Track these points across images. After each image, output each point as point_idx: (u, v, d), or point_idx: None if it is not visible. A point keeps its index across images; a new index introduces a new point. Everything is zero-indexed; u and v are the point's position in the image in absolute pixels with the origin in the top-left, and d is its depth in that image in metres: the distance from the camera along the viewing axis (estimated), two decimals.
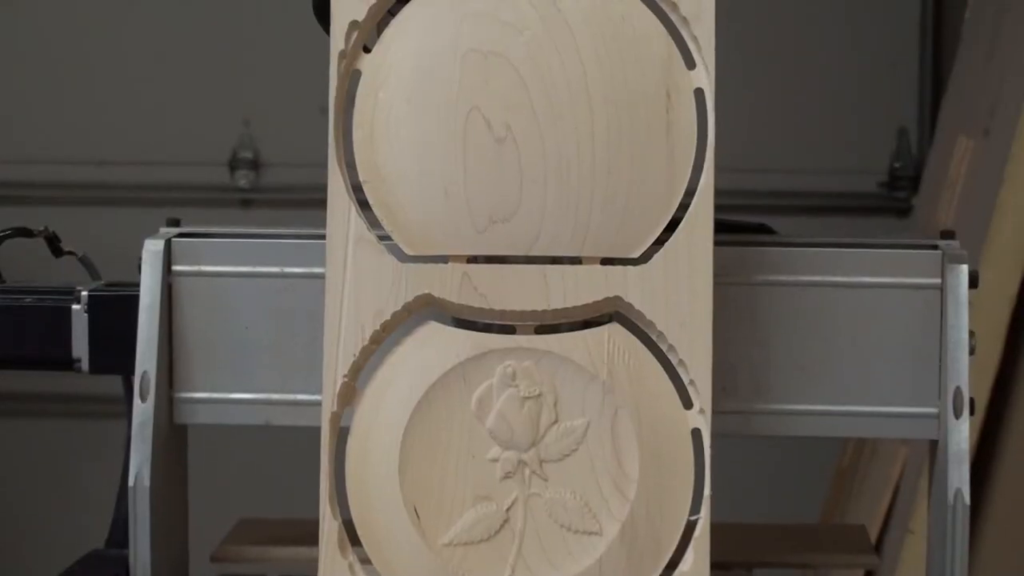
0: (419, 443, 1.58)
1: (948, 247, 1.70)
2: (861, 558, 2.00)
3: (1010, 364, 2.87)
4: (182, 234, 1.75)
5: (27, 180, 4.18)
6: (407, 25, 1.60)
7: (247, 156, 4.21)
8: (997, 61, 3.18)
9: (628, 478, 1.57)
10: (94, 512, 1.99)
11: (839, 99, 4.10)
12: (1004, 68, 3.10)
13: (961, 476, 1.64)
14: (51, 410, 4.15)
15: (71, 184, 4.18)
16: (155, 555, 1.70)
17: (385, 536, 1.58)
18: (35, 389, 3.92)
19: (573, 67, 1.57)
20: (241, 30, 4.16)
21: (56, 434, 4.18)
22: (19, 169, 4.20)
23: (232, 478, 3.47)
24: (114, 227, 2.23)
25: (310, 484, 1.59)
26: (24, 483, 4.24)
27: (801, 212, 4.01)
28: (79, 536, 1.97)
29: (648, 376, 1.58)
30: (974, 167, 3.17)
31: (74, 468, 4.06)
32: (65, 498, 3.92)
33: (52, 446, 4.20)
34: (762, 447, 3.32)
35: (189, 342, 1.73)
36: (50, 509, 4.08)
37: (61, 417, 4.14)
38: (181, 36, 4.19)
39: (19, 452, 4.25)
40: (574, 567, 1.57)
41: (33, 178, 4.19)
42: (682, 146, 1.57)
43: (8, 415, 4.22)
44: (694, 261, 1.57)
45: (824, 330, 1.69)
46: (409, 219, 1.59)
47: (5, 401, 4.16)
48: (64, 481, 4.10)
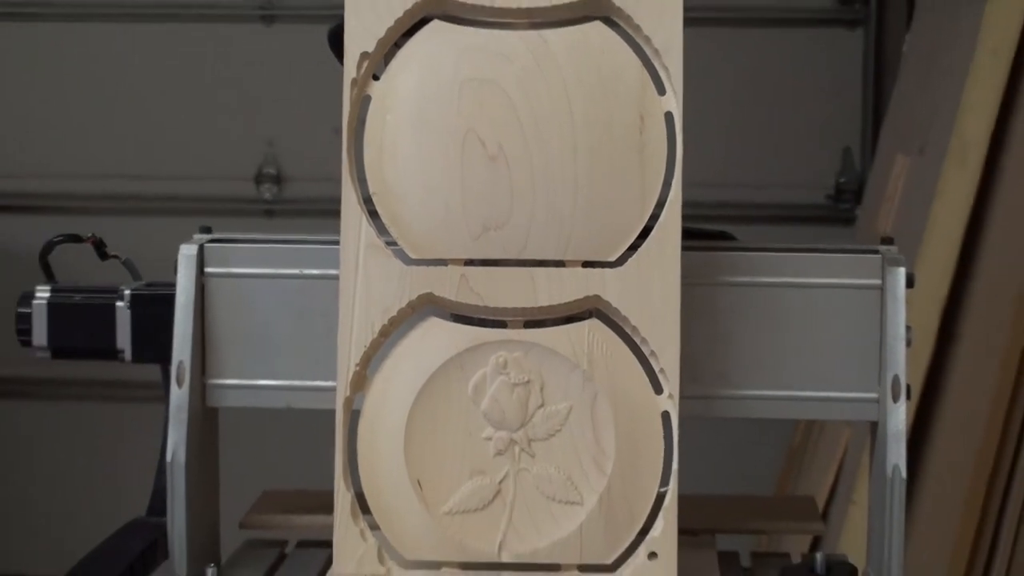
0: (422, 424, 1.58)
1: (887, 252, 1.70)
2: (810, 525, 2.00)
3: (941, 355, 2.87)
4: (213, 240, 1.74)
5: (77, 192, 4.18)
6: (412, 56, 1.60)
7: (271, 172, 4.21)
8: (931, 89, 3.18)
9: (606, 455, 1.57)
10: (136, 485, 1.98)
11: (792, 122, 4.10)
12: (937, 95, 3.10)
13: (899, 453, 1.64)
14: (98, 395, 4.14)
15: (116, 196, 4.17)
16: (190, 522, 1.70)
17: (392, 505, 1.58)
18: (84, 376, 3.92)
19: (558, 93, 1.57)
20: (265, 63, 4.16)
21: (102, 416, 4.18)
22: (71, 183, 4.20)
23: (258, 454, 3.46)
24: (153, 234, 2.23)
25: (326, 460, 1.58)
26: (75, 458, 4.24)
27: (758, 221, 4.01)
28: (123, 505, 1.97)
29: (623, 365, 1.58)
30: (910, 182, 3.17)
31: (118, 446, 4.05)
32: (111, 472, 3.91)
33: (99, 426, 4.20)
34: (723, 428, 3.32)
35: (219, 335, 1.73)
36: (98, 481, 4.08)
37: (107, 401, 4.13)
38: (214, 67, 4.19)
39: (71, 431, 4.25)
40: (558, 533, 1.57)
41: (82, 191, 4.18)
42: (654, 163, 1.57)
43: (61, 399, 4.22)
44: (664, 264, 1.57)
45: (778, 325, 1.69)
46: (413, 227, 1.59)
47: (58, 386, 4.16)
48: (109, 457, 4.09)
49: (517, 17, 1.59)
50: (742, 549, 1.83)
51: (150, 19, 4.18)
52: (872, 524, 1.71)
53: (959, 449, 2.82)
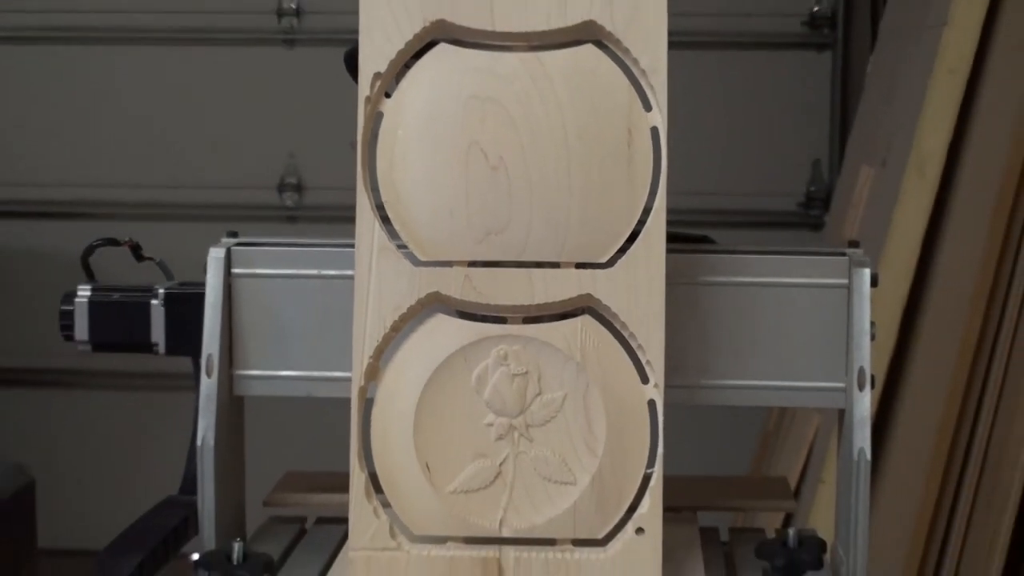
0: (429, 411, 1.58)
1: (854, 254, 1.70)
2: (783, 503, 1.99)
3: (902, 348, 2.87)
4: (240, 244, 1.74)
5: (116, 200, 4.18)
6: (420, 76, 1.60)
7: (292, 181, 4.21)
8: (892, 106, 3.17)
9: (597, 439, 1.57)
10: (169, 466, 1.98)
11: (766, 136, 4.09)
12: (898, 111, 3.10)
13: (864, 437, 1.64)
14: (134, 385, 4.14)
15: (151, 203, 4.17)
16: (218, 500, 1.69)
17: (402, 485, 1.58)
18: (122, 368, 3.92)
19: (553, 110, 1.57)
20: (287, 82, 4.16)
21: (138, 404, 4.18)
22: (110, 192, 4.20)
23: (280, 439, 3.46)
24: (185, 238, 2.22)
25: (342, 444, 1.58)
26: (113, 442, 4.24)
27: (736, 226, 4.01)
28: (157, 485, 1.96)
29: (613, 358, 1.58)
30: (874, 191, 3.16)
31: (153, 431, 4.05)
32: (146, 454, 3.91)
33: (135, 413, 4.20)
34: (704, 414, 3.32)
35: (245, 330, 1.73)
36: (134, 463, 4.08)
37: (142, 390, 4.13)
38: (241, 86, 4.18)
39: (109, 418, 4.25)
40: (554, 510, 1.57)
41: (121, 199, 4.19)
42: (640, 173, 1.57)
43: (101, 388, 4.22)
44: (650, 265, 1.57)
45: (754, 321, 1.69)
46: (421, 232, 1.58)
47: (98, 377, 4.16)
48: (145, 441, 4.09)
49: (516, 41, 1.59)
50: (721, 525, 1.83)
51: (184, 43, 4.18)
52: (840, 502, 1.71)
53: (919, 434, 2.82)
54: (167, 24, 4.16)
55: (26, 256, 4.21)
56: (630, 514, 1.57)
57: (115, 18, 4.16)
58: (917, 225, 2.85)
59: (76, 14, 4.15)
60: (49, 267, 3.63)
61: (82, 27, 4.17)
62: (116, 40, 4.18)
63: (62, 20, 4.16)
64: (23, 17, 4.16)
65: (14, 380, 4.25)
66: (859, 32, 4.03)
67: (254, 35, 4.16)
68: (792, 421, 3.24)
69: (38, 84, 4.21)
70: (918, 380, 2.83)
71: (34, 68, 4.20)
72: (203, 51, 4.17)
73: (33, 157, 4.22)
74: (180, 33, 4.16)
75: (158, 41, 4.18)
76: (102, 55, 4.19)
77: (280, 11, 4.15)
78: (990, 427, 2.80)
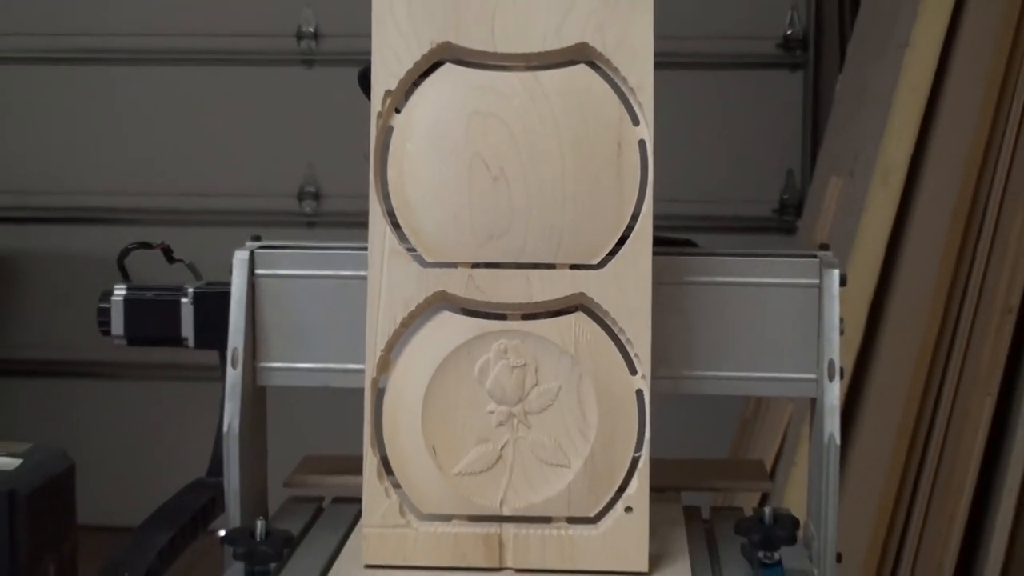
0: (436, 400, 1.57)
1: (824, 256, 1.69)
2: (760, 484, 1.99)
3: (868, 342, 2.87)
4: (263, 247, 1.74)
5: (149, 207, 4.18)
6: (427, 94, 1.59)
7: (311, 190, 4.20)
8: (859, 121, 3.17)
9: (589, 425, 1.56)
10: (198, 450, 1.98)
11: (745, 148, 4.09)
12: (865, 126, 3.09)
13: (833, 424, 1.64)
14: (166, 376, 4.14)
15: (181, 210, 4.17)
16: (242, 482, 1.69)
17: (411, 468, 1.58)
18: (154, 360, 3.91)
19: (549, 124, 1.57)
20: (306, 99, 4.16)
21: (169, 393, 4.18)
22: (143, 199, 4.20)
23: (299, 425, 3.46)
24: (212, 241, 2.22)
25: (356, 430, 1.58)
26: (147, 428, 4.24)
27: (716, 231, 4.01)
28: (187, 467, 1.96)
29: (604, 351, 1.57)
30: (842, 199, 3.16)
31: (182, 418, 4.05)
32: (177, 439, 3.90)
33: (166, 402, 4.19)
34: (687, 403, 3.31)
35: (267, 326, 1.72)
36: (166, 447, 4.07)
37: (173, 381, 4.13)
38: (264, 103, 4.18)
39: (143, 406, 4.25)
40: (550, 491, 1.57)
41: (154, 206, 4.18)
42: (629, 182, 1.57)
43: (135, 379, 4.22)
44: (638, 266, 1.57)
45: (732, 317, 1.68)
46: (428, 236, 1.58)
47: (133, 369, 4.16)
48: (175, 427, 4.09)
49: (515, 61, 1.59)
50: (703, 504, 1.83)
51: (213, 63, 4.18)
52: (811, 483, 1.71)
53: (884, 420, 2.81)
54: (198, 46, 4.16)
55: (68, 258, 4.21)
56: (619, 494, 1.57)
57: (150, 41, 4.16)
58: (882, 230, 2.85)
59: (118, 37, 4.16)
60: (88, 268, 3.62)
61: (123, 49, 4.17)
62: (151, 61, 4.18)
63: (106, 43, 4.16)
64: (73, 40, 4.17)
65: (56, 372, 4.25)
66: (828, 53, 4.03)
67: (276, 56, 4.16)
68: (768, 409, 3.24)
69: (80, 102, 4.21)
70: (883, 371, 2.83)
71: (78, 88, 4.20)
72: (230, 71, 4.17)
73: (75, 168, 4.22)
74: (209, 54, 4.16)
75: (190, 62, 4.18)
76: (139, 75, 4.19)
77: (300, 34, 4.15)
78: (948, 414, 2.80)
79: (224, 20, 4.15)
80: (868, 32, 3.41)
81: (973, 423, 2.78)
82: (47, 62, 4.21)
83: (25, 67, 4.20)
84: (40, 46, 4.18)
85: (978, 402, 2.79)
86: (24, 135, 4.23)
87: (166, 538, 1.65)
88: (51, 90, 4.22)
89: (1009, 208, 2.80)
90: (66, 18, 4.17)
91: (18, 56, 4.19)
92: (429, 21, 1.58)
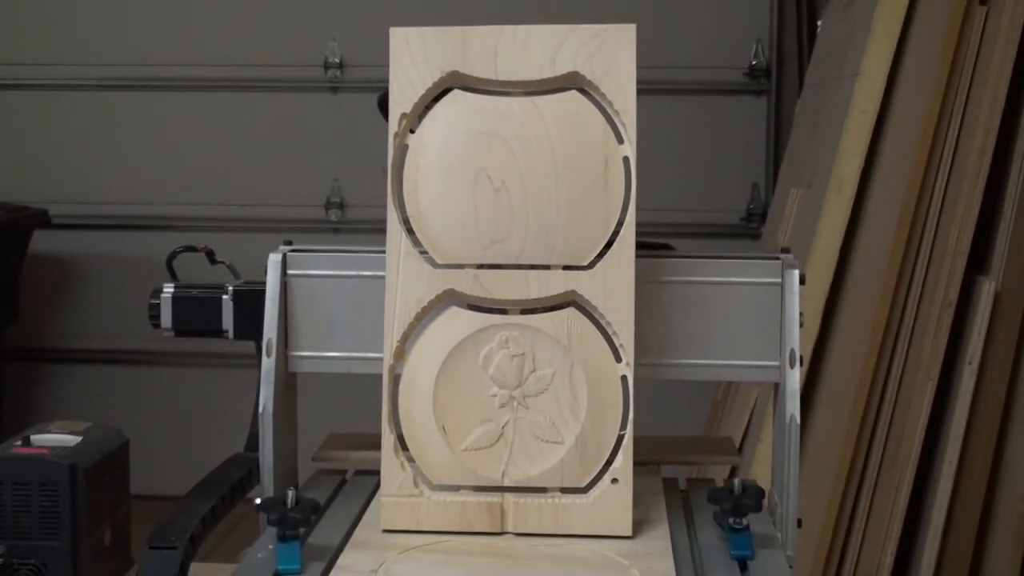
0: (445, 384, 1.57)
1: (786, 258, 1.69)
2: (729, 458, 1.99)
3: (824, 333, 2.86)
4: (294, 250, 1.74)
5: (194, 216, 4.18)
6: (438, 116, 1.59)
7: (336, 200, 4.20)
8: (817, 138, 3.17)
9: (580, 407, 1.56)
10: (236, 429, 1.97)
11: (716, 164, 4.09)
12: (821, 143, 3.09)
13: (794, 406, 1.64)
14: (208, 363, 4.13)
15: (222, 218, 4.17)
16: (276, 457, 1.69)
17: (424, 444, 1.58)
18: (199, 350, 3.91)
19: (545, 143, 1.57)
20: (332, 120, 4.16)
21: (212, 379, 4.17)
22: (190, 208, 4.20)
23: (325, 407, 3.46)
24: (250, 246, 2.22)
25: (375, 411, 1.57)
26: (191, 409, 4.23)
27: (691, 235, 4.00)
28: (227, 444, 1.96)
29: (593, 342, 1.57)
30: (801, 208, 3.16)
31: (223, 400, 4.04)
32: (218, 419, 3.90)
33: (209, 386, 4.19)
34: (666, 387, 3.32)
35: (298, 319, 1.72)
36: (208, 426, 4.07)
37: (215, 367, 4.12)
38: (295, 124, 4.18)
39: (188, 390, 4.25)
40: (545, 464, 1.56)
41: (198, 214, 4.18)
42: (615, 194, 1.57)
43: (181, 366, 4.21)
44: (623, 267, 1.56)
45: (705, 312, 1.68)
46: (439, 241, 1.58)
47: (180, 357, 4.15)
48: (217, 409, 4.08)
49: (515, 88, 1.59)
50: (680, 476, 1.82)
51: (250, 90, 4.18)
52: (775, 457, 1.71)
53: (838, 402, 2.81)
54: (240, 75, 4.16)
55: (123, 261, 4.21)
56: (607, 467, 1.56)
57: (201, 70, 4.16)
58: (836, 235, 2.85)
59: (175, 67, 4.16)
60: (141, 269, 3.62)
61: (177, 78, 4.17)
62: (200, 88, 4.18)
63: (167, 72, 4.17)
64: (136, 69, 4.17)
65: (112, 359, 4.25)
66: (789, 81, 4.04)
67: (306, 84, 4.16)
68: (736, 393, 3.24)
69: (136, 125, 4.21)
70: (837, 359, 2.83)
71: (136, 112, 4.21)
72: (266, 96, 4.17)
73: (130, 182, 4.22)
74: (248, 83, 4.16)
75: (231, 88, 4.17)
76: (187, 101, 4.19)
77: (326, 64, 4.15)
78: (895, 397, 2.80)
79: (262, 53, 4.15)
80: (823, 62, 3.41)
81: (917, 404, 2.78)
82: (110, 88, 4.21)
83: (91, 93, 4.21)
84: (104, 75, 4.19)
85: (921, 386, 2.78)
86: (87, 154, 4.23)
87: (208, 506, 1.65)
88: (111, 115, 4.22)
89: (948, 214, 2.80)
90: (130, 49, 4.17)
91: (86, 84, 4.20)
92: (440, 53, 1.58)
